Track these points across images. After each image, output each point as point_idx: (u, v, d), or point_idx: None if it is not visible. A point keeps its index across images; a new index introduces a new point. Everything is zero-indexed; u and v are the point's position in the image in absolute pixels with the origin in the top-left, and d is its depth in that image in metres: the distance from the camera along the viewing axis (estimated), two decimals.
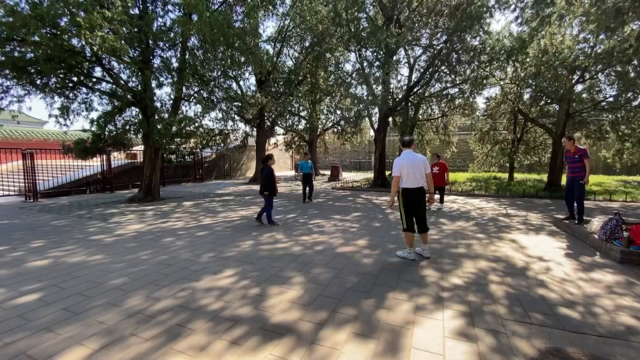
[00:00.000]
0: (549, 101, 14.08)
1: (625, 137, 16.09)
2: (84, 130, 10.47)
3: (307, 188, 10.10)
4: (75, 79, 9.58)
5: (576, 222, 5.93)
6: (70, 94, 10.14)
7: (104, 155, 12.40)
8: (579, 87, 13.10)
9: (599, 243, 4.85)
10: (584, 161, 5.61)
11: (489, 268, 4.08)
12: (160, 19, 10.52)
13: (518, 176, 19.61)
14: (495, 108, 17.24)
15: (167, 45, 10.10)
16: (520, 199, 10.74)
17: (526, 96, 15.23)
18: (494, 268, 4.08)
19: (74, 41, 8.25)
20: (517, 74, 13.77)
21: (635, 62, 10.14)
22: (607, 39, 8.94)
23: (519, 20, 9.79)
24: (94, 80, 10.02)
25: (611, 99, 13.38)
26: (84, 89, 10.20)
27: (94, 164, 13.58)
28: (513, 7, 10.37)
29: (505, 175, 18.74)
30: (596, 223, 5.14)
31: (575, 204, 5.99)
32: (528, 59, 11.97)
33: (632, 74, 10.92)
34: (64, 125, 10.13)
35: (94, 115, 16.01)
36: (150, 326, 2.69)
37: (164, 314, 2.90)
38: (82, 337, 2.54)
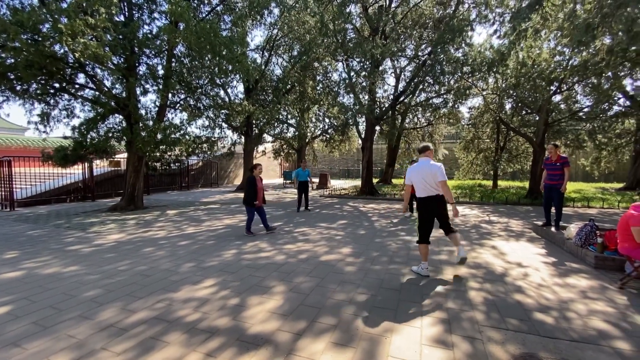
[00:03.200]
0: (528, 111, 14.58)
1: (602, 145, 16.77)
2: (65, 138, 10.24)
3: (303, 196, 9.75)
4: (57, 85, 9.41)
5: (553, 228, 6.10)
6: (51, 101, 9.93)
7: (86, 163, 12.10)
8: (556, 98, 13.64)
9: (575, 249, 4.99)
10: (565, 170, 5.80)
11: (469, 274, 4.14)
12: (146, 27, 10.51)
13: (502, 183, 20.09)
14: (478, 117, 17.72)
15: (153, 52, 10.05)
16: (503, 206, 10.98)
17: (508, 106, 15.73)
18: (474, 274, 4.14)
19: (56, 47, 8.13)
20: (498, 85, 14.23)
21: (609, 74, 10.65)
22: (580, 52, 9.37)
23: (498, 34, 10.18)
24: (77, 86, 9.86)
25: (587, 109, 13.98)
26: (66, 96, 10.02)
27: (75, 172, 13.22)
28: (492, 21, 10.79)
29: (490, 183, 19.17)
30: (573, 229, 5.29)
31: (553, 211, 6.17)
32: (508, 71, 12.40)
33: (606, 86, 11.46)
34: (44, 132, 9.90)
35: (75, 122, 15.76)
36: (122, 339, 2.61)
37: (138, 326, 2.82)
38: (50, 352, 2.44)
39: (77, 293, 3.60)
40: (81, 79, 10.02)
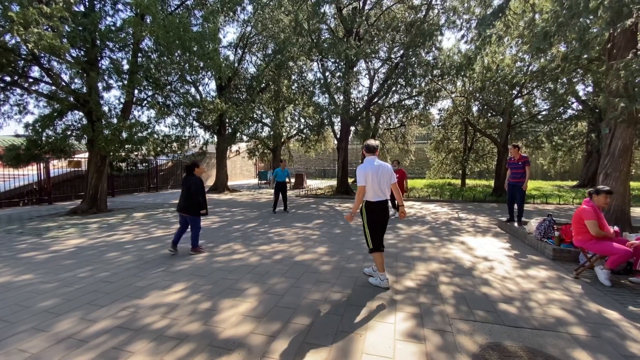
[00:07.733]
0: (493, 113, 15.38)
1: (558, 146, 18.05)
2: (17, 136, 9.44)
3: (281, 198, 9.36)
4: (7, 78, 8.66)
5: (516, 223, 6.47)
6: (1, 95, 9.11)
7: (42, 163, 11.20)
8: (518, 101, 14.50)
9: (535, 242, 5.31)
10: (525, 168, 6.16)
11: (440, 270, 4.28)
12: (109, 18, 9.89)
13: (469, 182, 21.05)
14: (447, 119, 18.45)
15: (117, 46, 9.48)
16: (470, 204, 11.49)
17: (474, 108, 16.51)
18: (445, 269, 4.29)
19: (6, 37, 7.48)
20: (466, 88, 14.89)
21: (564, 80, 11.46)
22: (539, 59, 10.02)
23: (465, 39, 10.64)
24: (30, 80, 9.12)
25: (545, 112, 14.99)
26: (18, 90, 9.23)
27: (30, 173, 12.21)
28: (460, 27, 11.27)
29: (459, 182, 20.01)
30: (533, 224, 5.63)
31: (516, 207, 6.54)
32: (475, 75, 13.01)
33: (561, 91, 12.34)
34: None
35: (29, 118, 14.57)
36: (81, 352, 2.43)
37: (100, 337, 2.64)
38: None
39: (31, 303, 3.31)
40: (35, 72, 9.28)
